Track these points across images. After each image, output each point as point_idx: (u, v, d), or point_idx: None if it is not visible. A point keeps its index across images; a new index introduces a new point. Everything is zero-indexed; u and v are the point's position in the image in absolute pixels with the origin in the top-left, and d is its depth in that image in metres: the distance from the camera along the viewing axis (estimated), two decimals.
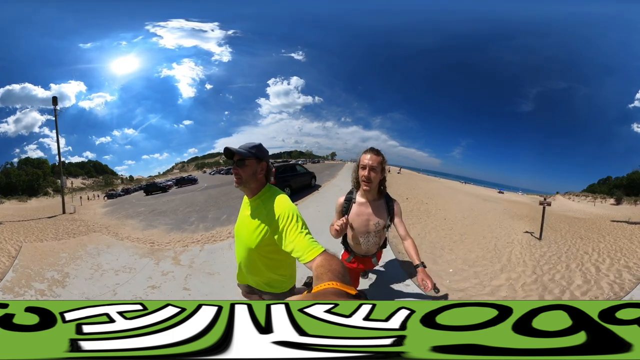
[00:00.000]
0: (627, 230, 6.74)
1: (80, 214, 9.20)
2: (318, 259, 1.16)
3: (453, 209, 8.08)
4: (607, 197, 9.57)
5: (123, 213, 9.20)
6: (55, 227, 7.66)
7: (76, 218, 8.73)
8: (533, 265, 4.75)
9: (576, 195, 10.05)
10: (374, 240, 2.37)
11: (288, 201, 1.55)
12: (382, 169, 2.21)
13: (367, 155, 2.19)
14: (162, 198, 10.62)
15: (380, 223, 2.29)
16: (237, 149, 1.58)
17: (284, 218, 1.44)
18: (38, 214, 8.68)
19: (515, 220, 7.23)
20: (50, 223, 8.08)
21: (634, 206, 9.04)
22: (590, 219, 8.06)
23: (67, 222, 8.17)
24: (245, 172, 1.58)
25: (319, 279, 0.95)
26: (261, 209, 1.59)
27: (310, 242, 1.30)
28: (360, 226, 2.30)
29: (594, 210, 9.23)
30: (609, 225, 7.35)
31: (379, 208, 2.29)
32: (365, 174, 2.15)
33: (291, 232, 1.38)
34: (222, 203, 8.58)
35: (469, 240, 5.72)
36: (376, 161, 2.17)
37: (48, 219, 8.48)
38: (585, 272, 4.46)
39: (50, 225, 7.90)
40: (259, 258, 1.67)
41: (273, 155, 13.31)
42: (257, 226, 1.59)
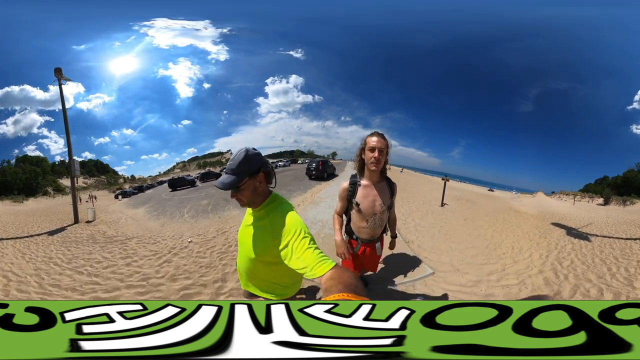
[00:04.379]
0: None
1: (109, 223, 6.70)
2: (328, 273, 1.10)
3: (416, 192, 10.54)
4: (594, 197, 9.63)
5: (191, 212, 7.60)
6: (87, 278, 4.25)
7: (113, 237, 5.76)
8: (421, 213, 7.83)
9: (566, 194, 10.11)
10: (379, 222, 2.47)
11: (294, 216, 1.45)
12: (387, 152, 2.33)
13: (374, 137, 2.28)
14: (198, 192, 10.41)
15: (385, 203, 2.42)
16: (226, 183, 1.43)
17: (290, 233, 1.36)
18: (37, 222, 6.50)
19: (450, 199, 9.31)
20: (66, 257, 5.01)
21: (622, 207, 9.15)
22: (534, 215, 8.61)
23: (104, 254, 5.10)
24: (245, 195, 1.48)
25: (328, 292, 0.91)
26: (265, 220, 1.51)
27: (320, 257, 1.22)
28: (368, 208, 2.40)
29: (563, 209, 9.33)
30: (531, 221, 7.95)
31: (383, 189, 2.42)
32: (375, 156, 2.25)
33: (299, 249, 1.30)
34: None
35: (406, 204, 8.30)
36: (384, 144, 2.29)
37: (56, 233, 5.85)
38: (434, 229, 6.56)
39: (66, 265, 4.69)
40: (262, 266, 1.62)
41: (273, 155, 13.35)
42: (261, 238, 1.52)
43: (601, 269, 4.92)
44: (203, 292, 3.64)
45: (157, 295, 3.65)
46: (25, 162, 9.87)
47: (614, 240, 6.41)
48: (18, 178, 9.47)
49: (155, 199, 10.21)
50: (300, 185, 9.78)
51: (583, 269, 4.92)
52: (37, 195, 9.60)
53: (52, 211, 8.43)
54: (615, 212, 8.95)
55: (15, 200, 9.01)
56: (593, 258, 5.48)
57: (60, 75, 7.97)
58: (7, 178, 9.36)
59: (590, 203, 9.74)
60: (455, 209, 8.57)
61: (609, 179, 9.67)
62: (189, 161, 12.34)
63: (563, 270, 4.81)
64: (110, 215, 8.11)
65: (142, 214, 8.40)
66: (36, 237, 6.02)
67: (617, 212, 8.94)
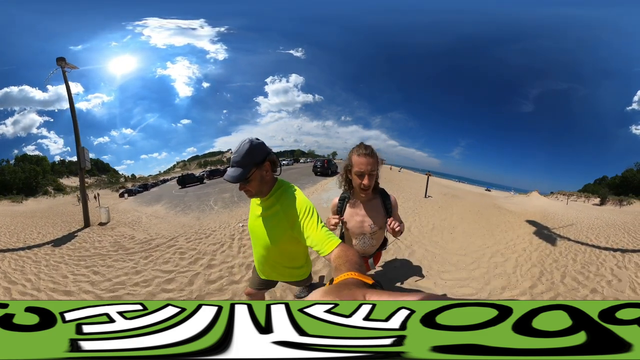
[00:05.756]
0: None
1: (129, 224, 5.47)
2: (335, 251, 1.22)
3: (406, 187, 11.11)
4: (590, 196, 9.63)
5: (218, 205, 7.20)
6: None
7: (149, 241, 4.68)
8: (404, 200, 8.59)
9: (563, 194, 10.14)
10: (369, 242, 2.19)
11: (302, 195, 1.53)
12: (378, 169, 1.99)
13: (361, 159, 1.92)
14: (210, 188, 10.38)
15: (377, 223, 2.10)
16: (233, 175, 1.46)
17: (301, 212, 1.44)
18: (38, 225, 5.24)
19: (436, 194, 9.97)
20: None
21: (618, 207, 9.10)
22: (513, 212, 8.82)
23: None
24: (253, 186, 1.52)
25: (338, 270, 1.02)
26: (276, 205, 1.56)
27: (327, 235, 1.33)
28: (354, 227, 2.13)
29: (551, 208, 9.33)
30: (507, 219, 8.03)
31: (374, 208, 2.10)
32: (365, 183, 1.92)
33: (308, 227, 1.40)
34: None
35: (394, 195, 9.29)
36: (374, 165, 1.93)
37: (65, 242, 4.26)
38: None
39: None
40: (280, 253, 1.69)
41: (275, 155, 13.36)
42: (276, 223, 1.57)
43: (524, 280, 4.28)
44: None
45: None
46: (25, 161, 9.81)
47: (586, 249, 5.76)
48: (17, 177, 9.35)
49: (167, 196, 10.15)
50: (310, 179, 11.10)
51: (512, 269, 4.66)
52: (37, 195, 9.50)
53: (55, 212, 7.71)
54: (608, 212, 8.84)
55: (14, 200, 8.76)
56: (541, 262, 4.99)
57: (63, 63, 7.56)
58: (5, 177, 9.21)
59: (586, 203, 9.75)
60: (437, 201, 9.27)
61: (608, 179, 9.68)
62: (189, 160, 12.35)
63: (496, 269, 4.66)
64: (124, 214, 7.27)
65: (163, 211, 7.92)
66: (36, 249, 4.25)
67: (611, 212, 8.83)
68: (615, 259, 5.17)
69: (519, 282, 4.22)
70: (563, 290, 4.05)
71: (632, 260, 5.04)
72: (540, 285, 4.15)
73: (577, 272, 4.64)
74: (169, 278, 3.78)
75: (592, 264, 4.97)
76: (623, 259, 5.14)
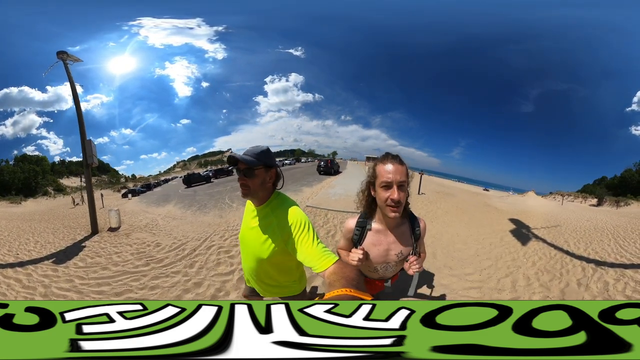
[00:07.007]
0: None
1: (145, 228, 4.70)
2: (331, 268, 1.16)
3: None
4: (587, 197, 9.63)
5: (235, 202, 7.11)
6: None
7: (179, 247, 4.22)
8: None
9: (561, 194, 10.15)
10: (393, 269, 1.86)
11: (299, 211, 1.47)
12: (408, 183, 1.61)
13: (388, 166, 1.54)
14: (218, 186, 10.41)
15: (404, 252, 1.74)
16: (245, 157, 1.43)
17: (296, 227, 1.39)
18: (36, 231, 4.44)
19: (430, 191, 10.28)
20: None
21: (615, 209, 9.03)
22: (500, 210, 9.03)
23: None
24: (254, 183, 1.47)
25: (331, 286, 0.93)
26: (271, 217, 1.50)
27: (323, 251, 1.28)
28: (378, 257, 1.76)
29: (542, 208, 9.30)
30: (493, 216, 8.17)
31: (403, 234, 1.72)
32: (395, 197, 1.50)
33: (303, 242, 1.34)
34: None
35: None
36: (403, 175, 1.54)
37: (70, 257, 3.38)
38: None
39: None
40: (270, 266, 1.62)
41: (274, 154, 13.40)
42: (268, 236, 1.52)
43: (465, 268, 4.21)
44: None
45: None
46: (24, 161, 9.78)
47: (555, 254, 5.18)
48: (16, 177, 9.25)
49: (175, 195, 10.00)
50: (315, 178, 11.44)
51: (466, 257, 4.59)
52: (36, 196, 9.43)
53: (55, 214, 7.18)
54: (604, 214, 8.68)
55: (13, 200, 8.50)
56: (498, 258, 4.80)
57: (65, 56, 6.81)
58: (4, 177, 8.96)
59: (583, 204, 9.70)
60: (428, 197, 9.67)
61: (607, 180, 9.69)
62: (189, 160, 12.34)
63: (452, 254, 4.61)
64: (134, 217, 6.61)
65: (178, 211, 7.46)
66: (30, 266, 3.11)
67: (606, 214, 8.67)
68: (583, 272, 4.35)
69: (461, 268, 4.14)
70: (487, 290, 3.68)
71: (602, 279, 4.09)
72: (474, 275, 3.95)
73: (523, 277, 4.10)
74: (239, 277, 3.39)
75: (548, 273, 4.28)
76: (592, 274, 4.29)
